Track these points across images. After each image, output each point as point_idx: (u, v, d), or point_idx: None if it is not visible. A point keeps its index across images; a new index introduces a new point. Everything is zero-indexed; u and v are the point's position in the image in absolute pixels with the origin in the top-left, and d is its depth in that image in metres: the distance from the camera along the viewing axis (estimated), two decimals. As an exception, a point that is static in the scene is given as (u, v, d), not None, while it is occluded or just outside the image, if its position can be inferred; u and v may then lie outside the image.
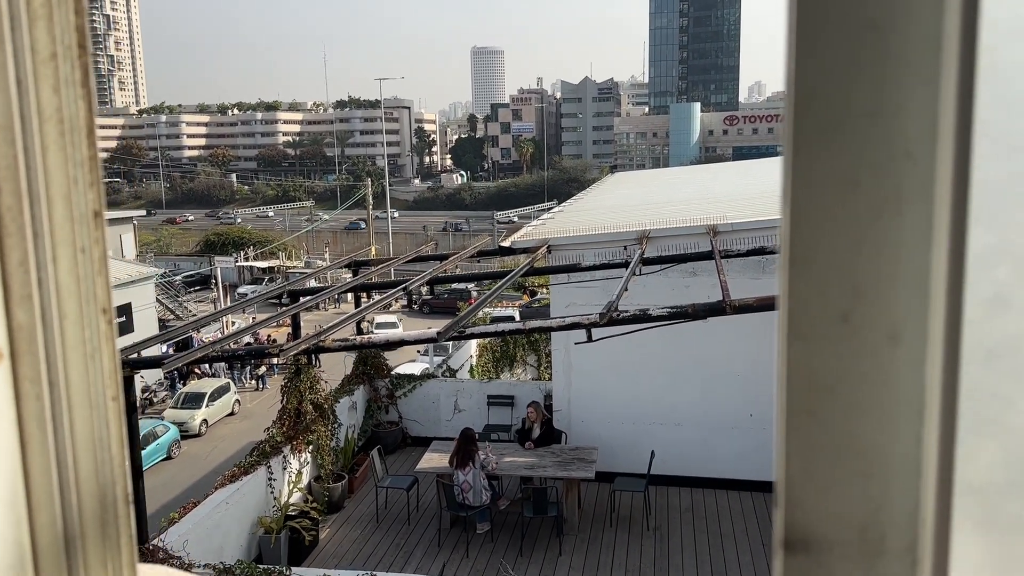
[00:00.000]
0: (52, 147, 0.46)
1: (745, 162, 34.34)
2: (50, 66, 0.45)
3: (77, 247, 0.47)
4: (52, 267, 0.46)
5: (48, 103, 0.45)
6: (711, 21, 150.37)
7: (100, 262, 0.49)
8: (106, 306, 0.49)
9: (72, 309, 0.47)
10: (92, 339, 0.48)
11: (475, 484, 9.98)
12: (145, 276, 32.23)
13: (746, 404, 11.50)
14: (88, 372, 0.48)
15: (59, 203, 0.46)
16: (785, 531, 0.42)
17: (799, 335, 0.38)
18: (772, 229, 10.89)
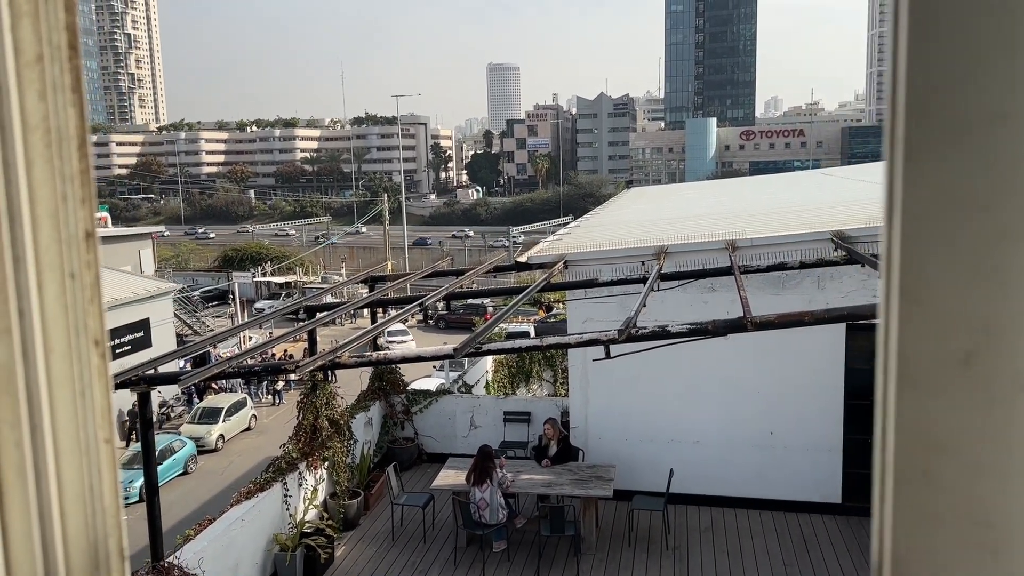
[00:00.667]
0: (38, 160, 0.40)
1: (763, 177, 34.18)
2: (36, 69, 0.40)
3: (66, 272, 0.42)
4: (36, 295, 0.40)
5: (34, 111, 0.40)
6: (727, 37, 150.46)
7: (92, 288, 0.43)
8: (99, 337, 0.44)
9: (59, 342, 0.42)
10: (83, 375, 0.43)
11: (492, 502, 9.87)
12: (163, 291, 32.44)
13: (767, 422, 11.34)
14: (77, 412, 0.43)
15: (45, 223, 0.41)
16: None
17: (911, 382, 0.32)
18: (792, 245, 10.76)
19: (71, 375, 0.42)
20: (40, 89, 0.40)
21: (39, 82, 0.40)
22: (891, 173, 0.32)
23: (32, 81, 0.40)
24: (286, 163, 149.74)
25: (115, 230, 44.15)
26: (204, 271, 67.14)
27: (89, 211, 0.43)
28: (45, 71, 0.40)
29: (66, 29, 0.41)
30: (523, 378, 19.80)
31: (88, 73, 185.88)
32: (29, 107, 0.40)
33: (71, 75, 0.41)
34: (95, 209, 0.44)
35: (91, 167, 0.44)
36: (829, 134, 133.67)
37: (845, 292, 10.67)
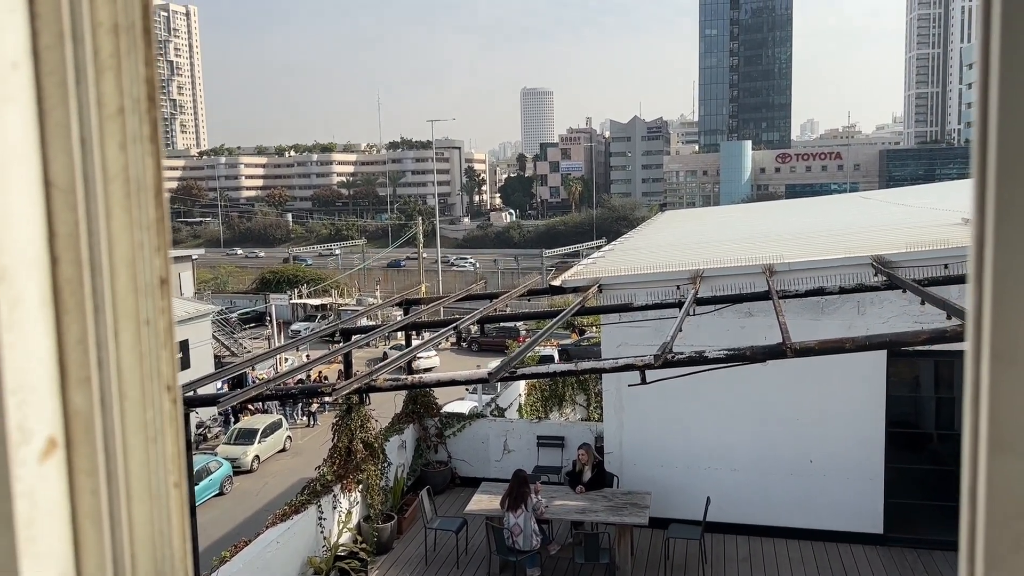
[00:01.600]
0: (117, 209, 0.41)
1: (800, 200, 33.85)
2: (117, 121, 0.41)
3: (141, 319, 0.42)
4: (114, 343, 0.41)
5: (114, 161, 0.41)
6: (762, 60, 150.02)
7: (166, 334, 0.44)
8: (170, 382, 0.44)
9: (134, 389, 0.42)
10: (155, 421, 0.43)
11: (525, 528, 9.79)
12: (202, 313, 32.96)
13: (806, 449, 11.13)
14: (149, 459, 0.43)
15: (123, 271, 0.41)
16: None
17: (1004, 446, 0.30)
18: (830, 269, 10.63)
19: (144, 422, 0.43)
20: (120, 141, 0.41)
21: (120, 134, 0.41)
22: (980, 222, 0.31)
23: (113, 133, 0.41)
24: (323, 187, 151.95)
25: (156, 253, 44.96)
26: (242, 293, 68.12)
27: (164, 258, 0.44)
28: (125, 123, 0.41)
29: (145, 82, 0.42)
30: (556, 402, 19.69)
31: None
32: (110, 158, 0.41)
33: (149, 126, 0.42)
34: (169, 257, 0.44)
35: (167, 215, 0.44)
36: (867, 157, 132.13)
37: (886, 318, 10.47)
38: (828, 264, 10.68)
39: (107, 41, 0.39)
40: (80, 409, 0.40)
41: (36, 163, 0.37)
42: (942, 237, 10.70)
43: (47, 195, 0.37)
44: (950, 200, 20.04)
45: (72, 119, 0.38)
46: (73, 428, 0.40)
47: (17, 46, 0.35)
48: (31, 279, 0.37)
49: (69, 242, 0.39)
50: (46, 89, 0.37)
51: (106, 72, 0.40)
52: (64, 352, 0.39)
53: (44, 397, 0.38)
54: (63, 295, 0.39)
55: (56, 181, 0.38)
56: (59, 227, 0.38)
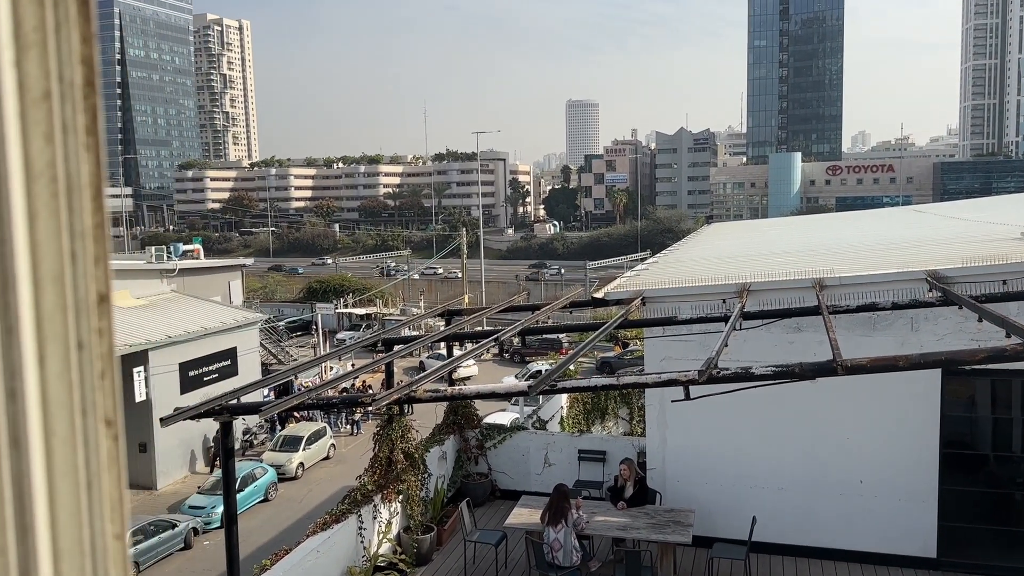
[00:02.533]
0: (42, 212, 0.34)
1: (851, 213, 33.14)
2: (42, 108, 0.34)
3: (71, 343, 0.35)
4: (36, 371, 0.34)
5: (38, 156, 0.34)
6: (812, 71, 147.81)
7: (105, 359, 0.37)
8: (110, 416, 0.37)
9: (62, 425, 0.35)
10: (90, 463, 0.36)
11: (566, 543, 9.65)
12: (251, 321, 33.45)
13: (855, 469, 10.79)
14: (81, 508, 0.36)
15: (49, 286, 0.35)
16: None
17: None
18: (883, 284, 10.31)
19: (75, 464, 0.36)
20: (46, 131, 0.34)
21: (45, 123, 0.34)
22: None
23: (37, 122, 0.34)
24: (370, 198, 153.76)
25: (207, 262, 45.93)
26: (289, 302, 69.10)
27: (103, 271, 0.37)
28: (53, 110, 0.34)
29: (82, 63, 0.35)
30: (598, 415, 19.49)
31: (185, 112, 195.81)
32: (33, 151, 0.34)
33: (86, 115, 0.36)
34: (109, 268, 0.38)
35: (107, 220, 0.38)
36: (920, 169, 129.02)
37: (940, 335, 10.12)
38: (880, 279, 10.37)
39: (31, 12, 0.33)
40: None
41: (-70, 155, 0.31)
42: (1001, 252, 10.32)
43: (-56, 194, 0.31)
44: (1008, 214, 19.39)
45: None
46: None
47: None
48: (-80, 295, 0.30)
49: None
50: (-55, 67, 0.31)
51: (30, 49, 0.33)
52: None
53: (-65, 438, 0.31)
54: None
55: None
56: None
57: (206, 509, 23.71)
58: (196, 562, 21.81)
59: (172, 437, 26.84)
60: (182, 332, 28.28)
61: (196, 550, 22.53)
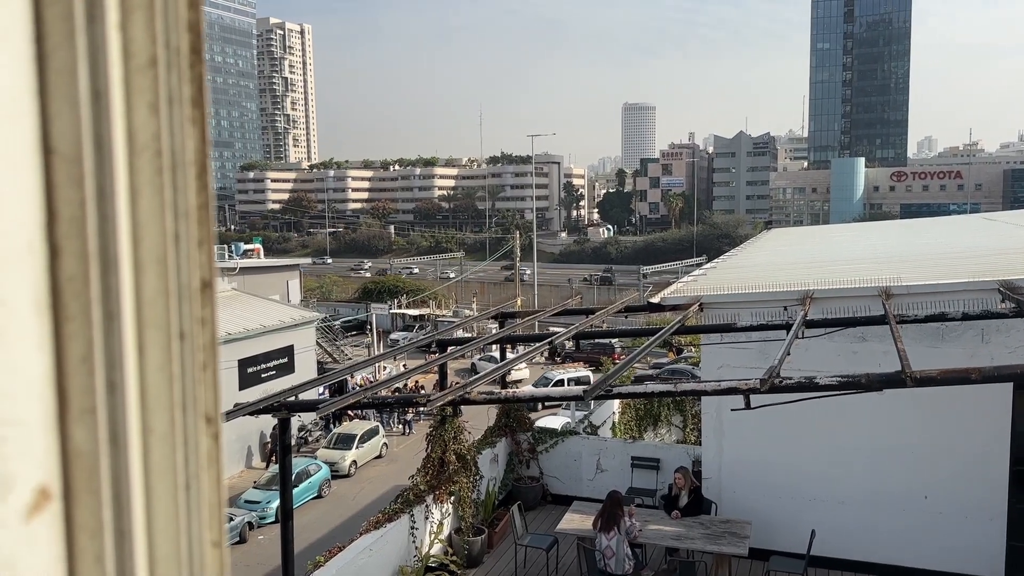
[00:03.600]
0: (145, 189, 0.31)
1: (918, 220, 32.19)
2: (148, 76, 0.31)
3: (173, 332, 0.32)
4: (135, 361, 0.31)
5: (143, 128, 0.31)
6: (877, 74, 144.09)
7: (207, 351, 0.34)
8: (211, 413, 0.34)
9: (161, 421, 0.32)
10: (189, 462, 0.34)
11: (618, 551, 9.53)
12: (308, 320, 34.03)
13: (920, 484, 10.43)
14: (178, 511, 0.33)
15: (150, 270, 0.32)
16: None
17: None
18: (953, 293, 9.95)
19: (173, 464, 0.33)
20: (151, 101, 0.31)
21: (150, 92, 0.31)
22: None
23: (142, 90, 0.31)
24: (425, 200, 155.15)
25: (266, 261, 46.92)
26: (345, 302, 70.11)
27: (207, 255, 0.34)
28: (159, 79, 0.32)
29: (188, 29, 0.32)
30: (651, 421, 19.27)
31: (248, 114, 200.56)
32: (137, 123, 0.31)
33: (192, 86, 0.33)
34: (213, 252, 0.35)
35: (212, 200, 0.35)
36: (989, 176, 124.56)
37: (1012, 347, 9.72)
38: (950, 288, 10.01)
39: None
40: (82, 448, 0.30)
41: (31, 121, 0.28)
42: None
43: (46, 164, 0.28)
44: (1088, 222, 18.56)
45: (81, 65, 0.29)
46: (73, 474, 0.30)
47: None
48: (20, 276, 0.27)
49: (74, 228, 0.29)
50: (47, 22, 0.28)
51: (135, 12, 0.31)
52: (64, 373, 0.29)
53: (34, 433, 0.28)
54: (64, 297, 0.29)
55: (58, 147, 0.29)
56: (61, 208, 0.29)
57: (261, 504, 24.17)
58: (250, 556, 22.24)
59: (230, 432, 27.45)
60: (242, 329, 28.92)
61: (250, 544, 22.98)
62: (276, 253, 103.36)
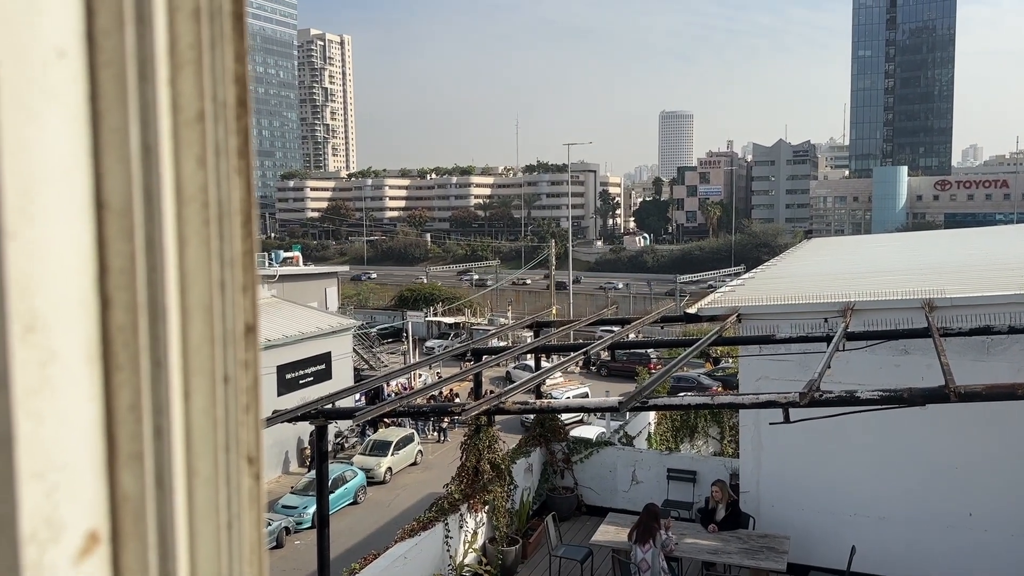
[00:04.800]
0: (193, 240, 0.32)
1: (963, 230, 31.48)
2: (196, 130, 0.32)
3: (218, 376, 0.33)
4: (181, 407, 0.32)
5: (190, 180, 0.32)
6: (920, 82, 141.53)
7: (249, 393, 0.35)
8: (253, 453, 0.35)
9: (205, 463, 0.33)
10: (231, 503, 0.34)
11: (654, 564, 9.44)
12: (345, 327, 34.35)
13: (965, 501, 10.17)
14: (220, 551, 0.34)
15: (197, 317, 0.33)
16: None
17: None
18: (999, 306, 9.72)
19: (216, 505, 0.34)
20: (199, 154, 0.33)
21: (198, 145, 0.32)
22: None
23: (191, 144, 0.32)
24: (461, 208, 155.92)
25: (305, 268, 47.51)
26: (382, 309, 70.64)
27: (251, 300, 0.35)
28: (206, 132, 0.33)
29: (235, 82, 0.33)
30: (687, 433, 19.07)
31: (288, 124, 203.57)
32: (185, 176, 0.32)
33: (239, 138, 0.34)
34: (258, 297, 0.36)
35: (256, 247, 0.35)
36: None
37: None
38: (996, 300, 9.78)
39: (187, 28, 0.31)
40: (130, 493, 0.31)
41: (85, 178, 0.29)
42: None
43: (98, 219, 0.30)
44: None
45: (132, 123, 0.30)
46: (121, 517, 0.31)
47: (65, 28, 0.27)
48: (73, 328, 0.28)
49: (124, 280, 0.30)
50: (101, 84, 0.29)
51: (184, 67, 0.32)
52: (113, 420, 0.30)
53: (84, 479, 0.29)
54: (114, 347, 0.30)
55: (110, 202, 0.30)
56: (112, 260, 0.30)
57: (298, 509, 24.40)
58: (287, 561, 22.45)
59: (268, 437, 27.80)
60: (281, 336, 29.30)
61: (287, 549, 23.20)
62: (315, 261, 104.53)
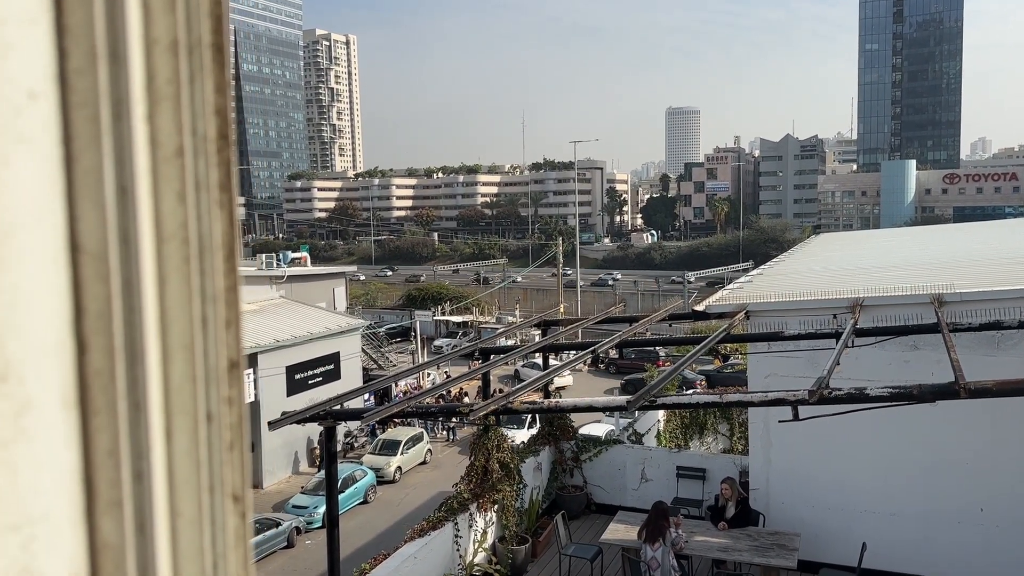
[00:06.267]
0: (173, 277, 0.32)
1: (972, 224, 31.30)
2: (175, 165, 0.31)
3: (200, 415, 0.33)
4: (163, 448, 0.32)
5: (170, 217, 0.31)
6: (928, 75, 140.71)
7: (234, 430, 0.34)
8: (238, 492, 0.35)
9: (188, 505, 0.33)
10: (216, 543, 0.34)
11: (664, 562, 9.42)
12: (353, 327, 34.40)
13: (975, 497, 10.12)
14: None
15: (178, 356, 0.32)
16: None
17: None
18: (1009, 301, 9.65)
19: (200, 546, 0.33)
20: (179, 190, 0.32)
21: (178, 181, 0.32)
22: None
23: (170, 180, 0.32)
24: (468, 207, 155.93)
25: (313, 269, 47.55)
26: (390, 309, 70.69)
27: (235, 335, 0.34)
28: (186, 167, 0.32)
29: (216, 115, 0.33)
30: (696, 430, 19.02)
31: (295, 125, 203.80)
32: (165, 212, 0.32)
33: (220, 170, 0.33)
34: (241, 332, 0.35)
35: (239, 282, 0.35)
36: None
37: (1074, 356, 9.38)
38: (1006, 295, 9.71)
39: (164, 63, 0.31)
40: (110, 541, 0.30)
41: (59, 221, 0.29)
42: None
43: (73, 263, 0.29)
44: None
45: (107, 164, 0.29)
46: (101, 566, 0.30)
47: (37, 70, 0.26)
48: (48, 374, 0.28)
49: (101, 323, 0.29)
50: (75, 125, 0.28)
51: (162, 103, 0.31)
52: (91, 466, 0.30)
53: (62, 529, 0.29)
54: (91, 392, 0.30)
55: (85, 245, 0.29)
56: (89, 303, 0.29)
57: (308, 509, 24.47)
58: (298, 561, 22.52)
59: (277, 438, 27.86)
60: (289, 336, 29.37)
61: (298, 548, 23.27)
62: (322, 261, 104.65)
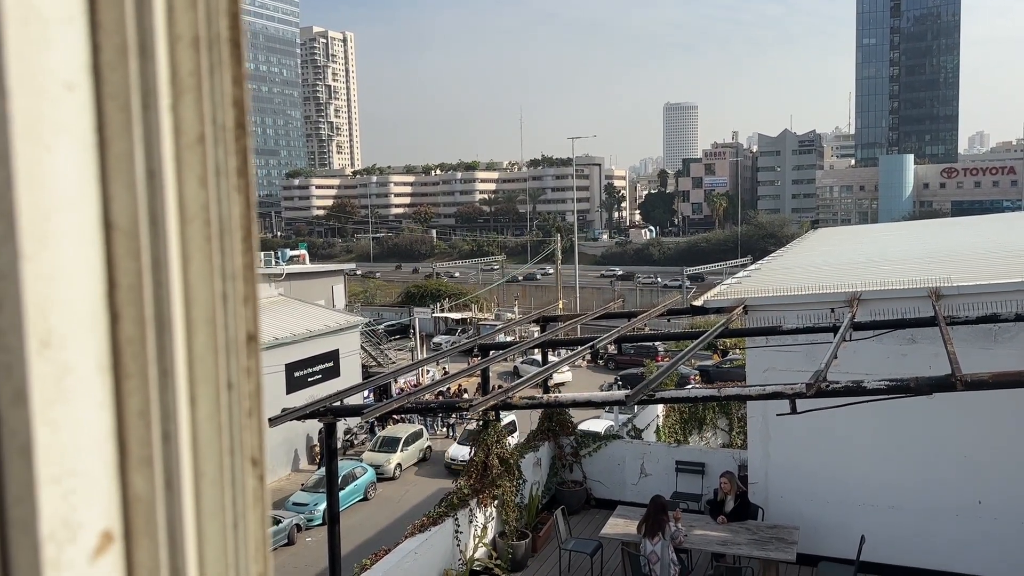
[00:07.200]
0: (196, 255, 0.35)
1: (970, 218, 31.36)
2: (197, 152, 0.34)
3: (221, 383, 0.36)
4: (187, 412, 0.35)
5: (193, 199, 0.34)
6: (925, 69, 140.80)
7: (252, 398, 0.37)
8: (256, 455, 0.37)
9: (211, 466, 0.36)
10: (236, 502, 0.37)
11: (663, 556, 9.47)
12: (352, 324, 34.45)
13: (973, 489, 10.17)
14: (227, 548, 0.36)
15: (201, 328, 0.35)
16: None
17: None
18: (1006, 294, 9.69)
19: (222, 505, 0.36)
20: (200, 174, 0.35)
21: (199, 166, 0.35)
22: None
23: (192, 165, 0.34)
24: (466, 204, 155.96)
25: (311, 267, 47.63)
26: (388, 306, 70.73)
27: (252, 310, 0.37)
28: (207, 154, 0.35)
29: (234, 105, 0.35)
30: (695, 425, 19.09)
31: (292, 122, 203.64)
32: (188, 195, 0.34)
33: (238, 157, 0.36)
34: (258, 307, 0.38)
35: (256, 261, 0.38)
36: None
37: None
38: (1003, 288, 9.75)
39: (187, 57, 0.33)
40: (141, 494, 0.33)
41: (94, 202, 0.31)
42: None
43: (107, 240, 0.32)
44: None
45: (137, 149, 0.32)
46: (133, 518, 0.33)
47: (73, 63, 0.29)
48: (85, 342, 0.31)
49: (132, 295, 0.32)
50: (107, 115, 0.31)
51: (185, 94, 0.34)
52: (124, 426, 0.33)
53: (98, 483, 0.31)
54: (123, 358, 0.32)
55: (117, 222, 0.32)
56: (121, 277, 0.32)
57: (308, 506, 24.53)
58: (299, 558, 22.58)
59: (277, 435, 27.91)
60: (288, 334, 29.41)
61: (298, 546, 23.33)
62: (321, 259, 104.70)
